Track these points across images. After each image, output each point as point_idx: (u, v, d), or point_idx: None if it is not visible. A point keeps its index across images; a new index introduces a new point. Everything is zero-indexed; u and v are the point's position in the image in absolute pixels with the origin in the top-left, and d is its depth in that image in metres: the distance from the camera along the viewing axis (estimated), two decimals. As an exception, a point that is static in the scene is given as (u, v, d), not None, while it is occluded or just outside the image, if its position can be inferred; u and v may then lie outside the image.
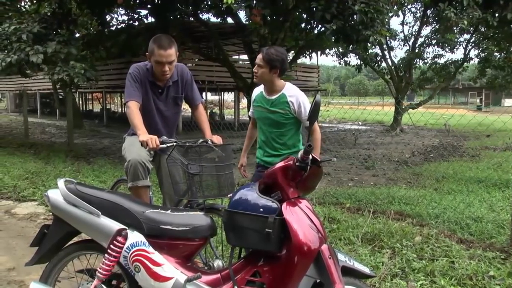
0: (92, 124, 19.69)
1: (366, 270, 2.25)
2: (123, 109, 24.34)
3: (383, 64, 19.24)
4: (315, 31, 10.35)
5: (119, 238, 2.18)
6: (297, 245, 2.00)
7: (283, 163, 2.18)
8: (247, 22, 11.22)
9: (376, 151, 11.86)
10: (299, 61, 21.62)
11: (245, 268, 2.13)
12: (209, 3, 11.26)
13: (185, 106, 3.59)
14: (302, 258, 2.01)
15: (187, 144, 2.67)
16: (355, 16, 7.10)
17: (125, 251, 2.17)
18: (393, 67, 18.62)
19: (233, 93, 22.15)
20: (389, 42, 18.83)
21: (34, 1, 10.31)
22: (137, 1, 9.39)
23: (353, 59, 19.91)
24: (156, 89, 3.10)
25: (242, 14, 13.09)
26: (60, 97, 21.24)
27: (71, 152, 9.72)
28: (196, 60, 17.63)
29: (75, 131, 15.27)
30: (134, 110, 2.83)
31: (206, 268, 2.60)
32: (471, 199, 5.78)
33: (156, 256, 2.15)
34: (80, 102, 27.90)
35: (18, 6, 10.56)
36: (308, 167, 2.09)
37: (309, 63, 25.57)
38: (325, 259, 2.05)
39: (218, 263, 2.56)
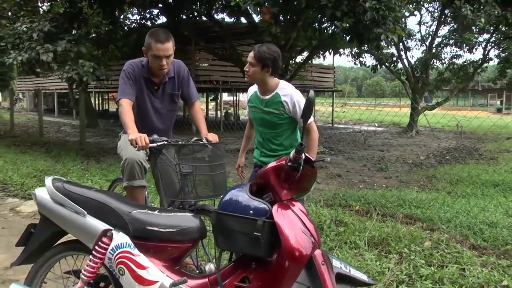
0: (107, 123, 19.86)
1: (363, 277, 2.11)
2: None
3: (399, 65, 18.92)
4: (328, 31, 10.18)
5: (104, 239, 2.09)
6: (288, 250, 1.88)
7: (275, 163, 2.07)
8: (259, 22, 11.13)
9: (390, 152, 11.64)
10: (315, 61, 21.48)
11: (234, 273, 2.02)
12: (223, 2, 11.20)
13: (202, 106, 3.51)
14: (292, 264, 1.89)
15: (179, 142, 2.57)
16: (366, 13, 6.91)
17: (109, 252, 2.08)
18: (409, 68, 18.29)
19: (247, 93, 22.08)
20: (405, 42, 18.54)
21: (47, 1, 10.41)
22: (147, 1, 9.35)
23: (369, 60, 19.69)
24: (151, 86, 3.01)
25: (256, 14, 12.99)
26: (76, 96, 21.49)
27: (82, 150, 9.77)
28: (210, 60, 17.61)
29: (90, 130, 15.43)
30: (125, 108, 2.75)
31: (197, 271, 2.49)
32: (486, 203, 5.56)
33: (141, 258, 2.05)
34: (97, 102, 28.23)
35: (34, 6, 10.71)
36: (301, 167, 1.97)
37: (326, 64, 25.27)
38: (318, 265, 1.93)
39: (210, 266, 2.44)
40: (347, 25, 7.16)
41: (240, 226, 1.96)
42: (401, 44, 18.05)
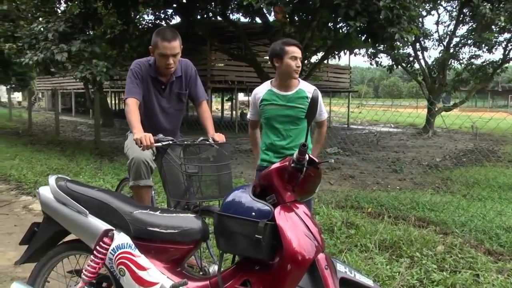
0: (123, 123, 20.01)
1: (369, 283, 2.04)
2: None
3: (416, 65, 18.64)
4: (343, 30, 10.06)
5: (106, 239, 2.08)
6: (290, 253, 1.83)
7: (279, 164, 2.02)
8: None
9: (405, 154, 11.46)
10: (332, 62, 21.30)
11: (235, 276, 1.98)
12: (237, 2, 11.17)
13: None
14: (294, 268, 1.84)
15: (185, 142, 2.54)
16: (380, 12, 6.78)
17: (110, 253, 2.06)
18: (426, 68, 17.99)
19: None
20: (422, 43, 18.26)
21: (64, 2, 10.54)
22: (161, 1, 9.37)
23: (385, 60, 19.47)
24: (159, 85, 2.99)
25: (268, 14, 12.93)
26: (92, 96, 21.77)
27: (96, 149, 9.86)
28: (225, 60, 17.62)
29: (105, 129, 15.61)
30: (131, 107, 2.74)
31: (201, 273, 2.46)
32: (503, 206, 5.40)
33: (142, 259, 2.03)
34: (113, 102, 28.54)
35: (51, 6, 10.85)
36: (304, 168, 1.92)
37: (343, 65, 25.08)
38: (321, 270, 1.87)
39: (214, 268, 2.42)
40: (361, 24, 7.04)
41: (242, 228, 1.92)
42: (418, 44, 17.78)
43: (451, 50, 18.11)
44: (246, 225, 1.91)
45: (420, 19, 16.97)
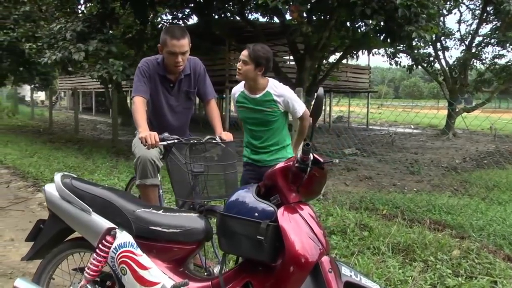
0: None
1: (375, 287, 1.97)
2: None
3: (437, 65, 18.26)
4: (361, 30, 9.92)
5: (108, 238, 2.07)
6: (292, 256, 1.78)
7: (283, 164, 1.97)
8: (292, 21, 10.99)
9: (424, 155, 11.23)
10: (352, 62, 21.08)
11: (237, 277, 1.94)
12: (255, 2, 11.13)
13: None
14: (296, 270, 1.78)
15: (191, 141, 2.51)
16: (397, 11, 6.64)
17: (112, 251, 2.05)
18: (447, 68, 17.61)
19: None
20: (443, 42, 17.88)
21: (82, 2, 10.70)
22: (178, 0, 9.40)
23: (404, 60, 19.16)
24: (167, 84, 2.97)
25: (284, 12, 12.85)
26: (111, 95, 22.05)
27: (113, 148, 9.96)
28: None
29: (124, 128, 15.77)
30: (137, 106, 2.72)
31: (205, 273, 2.43)
32: (524, 211, 5.22)
33: (144, 258, 2.01)
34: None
35: (72, 7, 11.04)
36: (309, 168, 1.86)
37: (363, 65, 24.78)
38: (325, 273, 1.81)
39: (219, 269, 2.38)
40: (377, 22, 6.91)
41: (243, 228, 1.88)
42: (438, 43, 17.42)
43: (473, 50, 17.68)
44: (248, 225, 1.87)
45: (441, 18, 16.64)
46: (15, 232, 4.36)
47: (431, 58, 18.02)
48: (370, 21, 6.89)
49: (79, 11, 11.39)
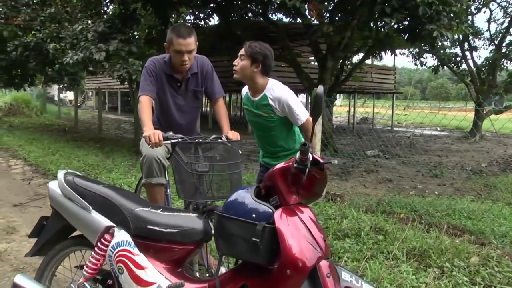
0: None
1: (378, 294, 1.89)
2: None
3: (464, 66, 17.74)
4: (384, 29, 9.72)
5: (107, 236, 2.05)
6: (288, 259, 1.72)
7: (282, 165, 1.90)
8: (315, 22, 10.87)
9: (449, 158, 10.93)
10: (377, 62, 20.74)
11: (233, 280, 1.89)
12: (277, 2, 11.07)
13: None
14: (293, 274, 1.72)
15: (196, 140, 2.48)
16: (418, 9, 6.44)
17: (110, 250, 2.03)
18: (474, 69, 17.09)
19: (304, 94, 21.80)
20: (472, 42, 17.37)
21: (109, 4, 10.87)
22: (199, 0, 9.44)
23: (430, 60, 18.70)
24: (174, 83, 2.96)
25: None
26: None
27: (134, 147, 10.07)
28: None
29: (146, 127, 15.93)
30: (143, 105, 2.71)
31: (207, 274, 2.39)
32: (551, 217, 4.97)
33: (140, 258, 1.98)
34: (156, 101, 29.18)
35: (96, 8, 11.24)
36: (307, 169, 1.79)
37: (390, 65, 24.37)
38: (323, 278, 1.74)
39: (221, 270, 2.34)
40: (398, 21, 6.73)
41: (239, 230, 1.82)
42: (466, 43, 16.93)
43: (504, 50, 17.10)
44: (244, 227, 1.81)
45: (470, 17, 16.15)
46: (31, 228, 4.41)
47: (458, 59, 17.53)
48: (391, 20, 6.70)
49: (103, 12, 11.61)
